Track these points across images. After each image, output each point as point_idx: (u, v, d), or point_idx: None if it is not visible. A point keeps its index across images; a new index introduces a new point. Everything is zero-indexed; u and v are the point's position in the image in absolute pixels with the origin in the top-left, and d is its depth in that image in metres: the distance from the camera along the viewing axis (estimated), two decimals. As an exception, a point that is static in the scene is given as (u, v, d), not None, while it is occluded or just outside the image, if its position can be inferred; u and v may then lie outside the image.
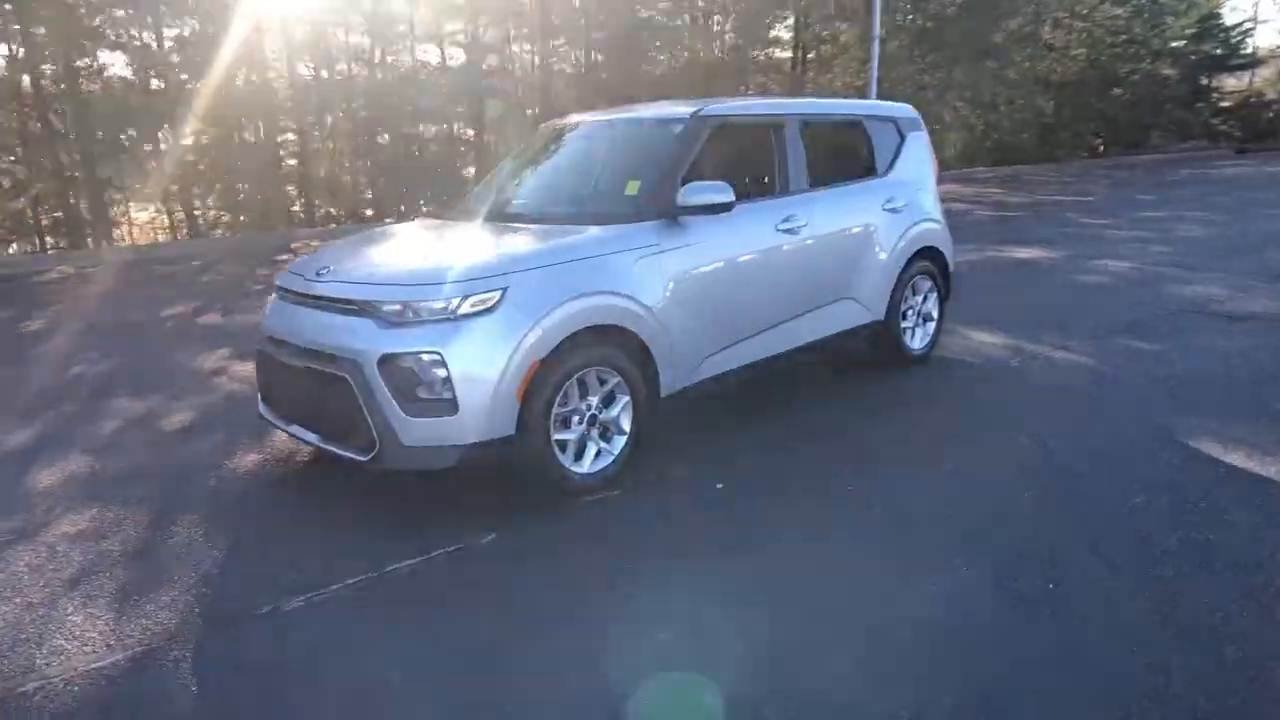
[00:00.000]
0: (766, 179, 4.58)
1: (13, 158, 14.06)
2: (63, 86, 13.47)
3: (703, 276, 4.03)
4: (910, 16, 25.25)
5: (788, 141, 4.58)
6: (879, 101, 5.54)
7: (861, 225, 4.90)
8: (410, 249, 3.90)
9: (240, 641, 2.76)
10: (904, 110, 5.53)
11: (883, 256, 5.01)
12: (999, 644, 2.59)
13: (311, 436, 3.70)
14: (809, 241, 4.54)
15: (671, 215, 3.94)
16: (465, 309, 3.34)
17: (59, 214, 14.38)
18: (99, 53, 14.33)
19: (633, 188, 4.06)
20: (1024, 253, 9.79)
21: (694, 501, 3.67)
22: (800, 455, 4.10)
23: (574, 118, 4.98)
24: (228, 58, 14.22)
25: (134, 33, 14.68)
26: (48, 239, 14.94)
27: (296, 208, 17.06)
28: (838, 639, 2.65)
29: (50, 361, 6.32)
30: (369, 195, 19.33)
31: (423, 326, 3.33)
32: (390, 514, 3.60)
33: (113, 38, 14.30)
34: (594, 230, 3.81)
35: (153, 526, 3.57)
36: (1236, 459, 3.87)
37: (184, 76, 15.95)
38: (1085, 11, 29.94)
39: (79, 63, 13.80)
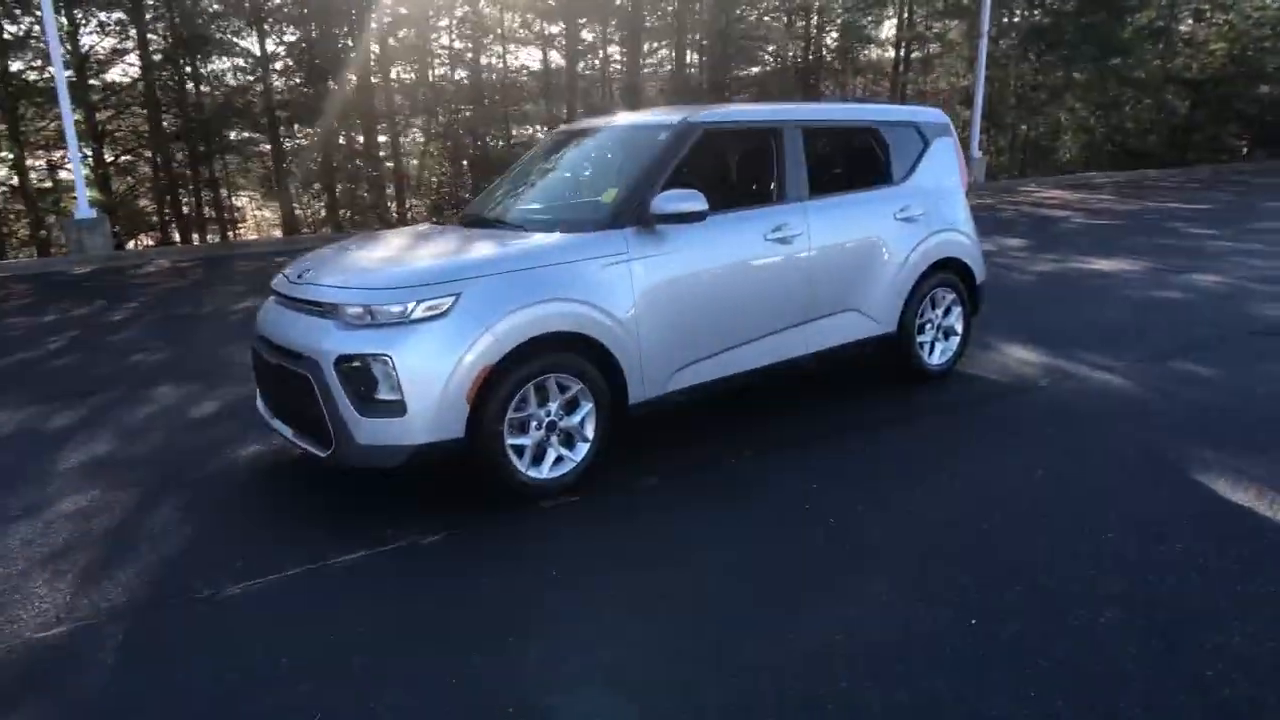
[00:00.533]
0: (763, 187, 4.50)
1: (131, 157, 15.22)
2: (174, 93, 14.51)
3: (677, 286, 3.99)
4: (1025, 12, 24.11)
5: (786, 148, 4.47)
6: (902, 105, 5.34)
7: (868, 235, 4.74)
8: (386, 254, 4.01)
9: (169, 622, 2.91)
10: (931, 115, 5.32)
11: (893, 267, 4.83)
12: (874, 681, 2.48)
13: (287, 431, 3.87)
14: (804, 252, 4.43)
15: (646, 223, 3.92)
16: (419, 313, 3.43)
17: (167, 212, 15.45)
18: (210, 58, 15.34)
19: (609, 195, 4.07)
20: (1106, 264, 9.23)
21: (651, 512, 3.64)
22: (772, 469, 4.01)
23: (582, 123, 5.02)
24: (329, 63, 14.95)
25: (240, 41, 15.62)
26: (160, 234, 16.11)
27: (392, 207, 17.79)
28: (712, 668, 2.59)
29: (117, 350, 6.81)
30: (466, 196, 19.92)
31: (377, 329, 3.43)
32: (350, 508, 3.73)
33: (227, 42, 15.26)
34: (559, 237, 3.83)
35: (139, 509, 3.81)
36: (1243, 499, 3.55)
37: (297, 80, 16.91)
38: (1229, 2, 27.80)
39: (191, 68, 14.84)
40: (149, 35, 14.70)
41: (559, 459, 3.78)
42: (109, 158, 16.24)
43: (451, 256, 3.75)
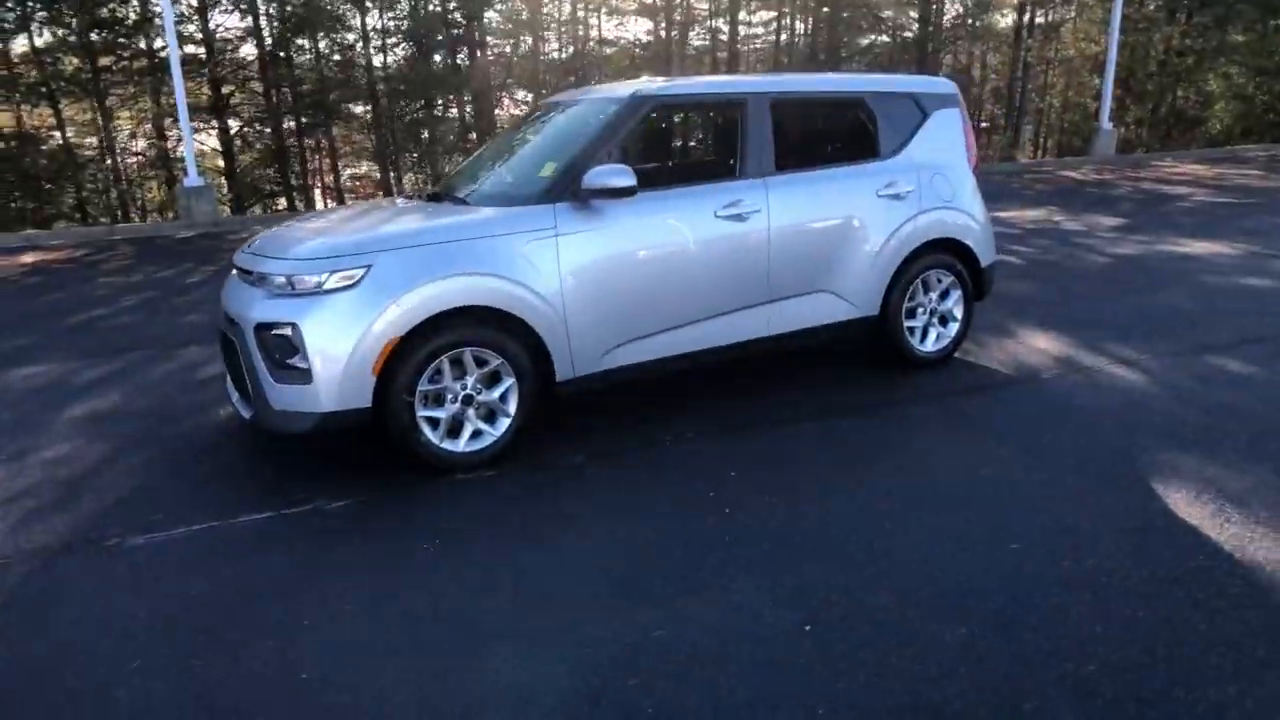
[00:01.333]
0: (722, 161, 4.34)
1: (253, 128, 16.26)
2: (285, 67, 15.38)
3: (609, 263, 3.92)
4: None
5: (749, 122, 4.28)
6: (897, 75, 4.99)
7: (842, 213, 4.49)
8: (325, 225, 4.10)
9: (68, 567, 3.13)
10: (933, 85, 4.96)
11: (872, 247, 4.57)
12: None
13: (234, 395, 4.06)
14: (762, 229, 4.25)
15: (579, 199, 3.86)
16: (331, 284, 3.51)
17: (280, 182, 16.43)
18: (318, 35, 16.09)
19: (548, 169, 4.02)
20: (1199, 247, 8.41)
21: (561, 492, 3.61)
22: (702, 454, 3.89)
23: (562, 95, 4.97)
24: (435, 36, 15.37)
25: (349, 18, 16.28)
26: (288, 202, 17.17)
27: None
28: (511, 656, 2.56)
29: (176, 311, 7.31)
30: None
31: (292, 299, 3.54)
32: (282, 469, 3.88)
33: (335, 18, 15.96)
34: (487, 212, 3.84)
35: (105, 460, 4.10)
36: (1195, 516, 3.19)
37: (404, 54, 17.55)
38: None
39: (310, 41, 15.70)
40: (259, 13, 15.63)
41: (477, 433, 3.80)
42: (234, 128, 17.36)
43: (373, 229, 3.80)
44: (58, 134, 15.62)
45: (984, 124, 24.75)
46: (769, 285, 4.34)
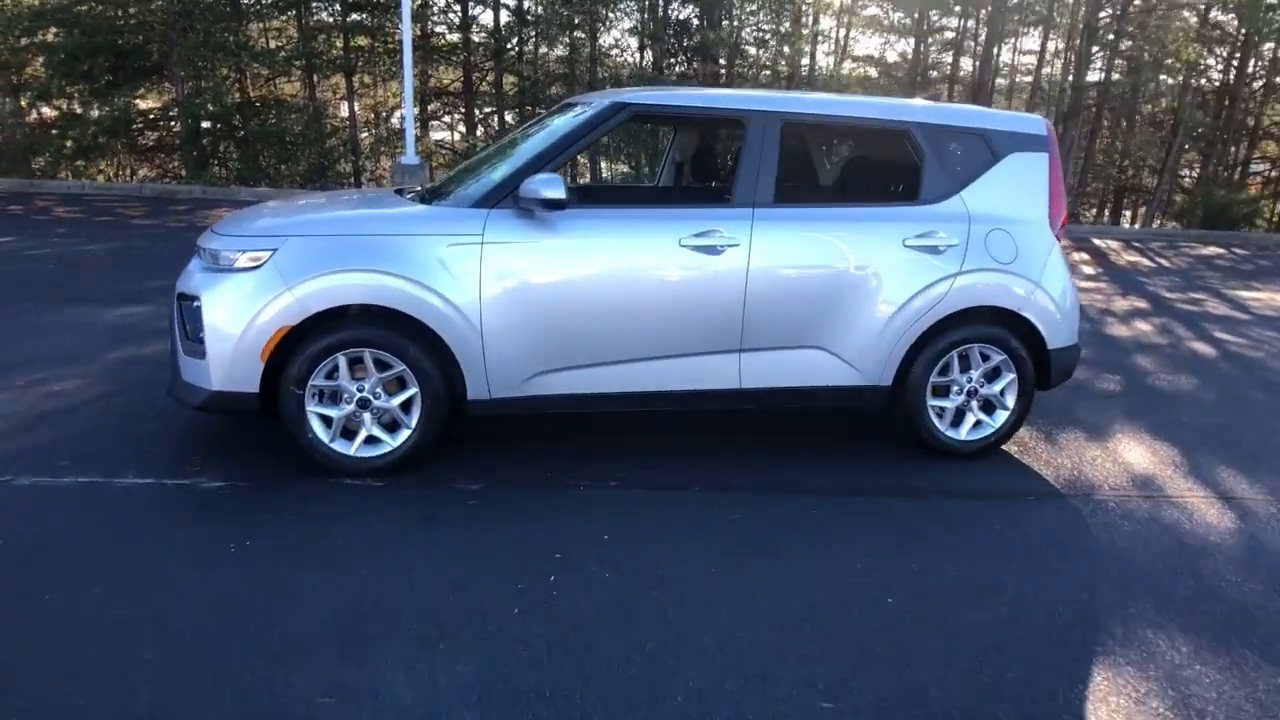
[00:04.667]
0: (706, 184, 3.83)
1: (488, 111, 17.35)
2: (513, 59, 16.29)
3: (542, 279, 3.56)
4: None
5: (749, 144, 3.73)
6: (968, 107, 4.13)
7: (851, 259, 3.80)
8: (280, 208, 4.01)
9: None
10: (1015, 122, 4.07)
11: (887, 305, 3.84)
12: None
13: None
14: (740, 265, 3.70)
15: (518, 206, 3.55)
16: (241, 263, 3.46)
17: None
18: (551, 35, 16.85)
19: (499, 172, 3.73)
20: None
21: (423, 517, 3.33)
22: (598, 507, 3.46)
23: (576, 97, 4.62)
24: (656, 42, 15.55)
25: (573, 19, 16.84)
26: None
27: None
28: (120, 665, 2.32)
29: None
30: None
31: (209, 273, 3.53)
32: (204, 440, 3.91)
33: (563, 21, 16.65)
34: (412, 209, 3.62)
35: (85, 402, 4.34)
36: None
37: (644, 56, 17.88)
38: None
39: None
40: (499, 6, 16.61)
41: (373, 439, 3.60)
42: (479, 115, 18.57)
43: (297, 214, 3.70)
44: (310, 104, 17.36)
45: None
46: (743, 331, 3.77)
